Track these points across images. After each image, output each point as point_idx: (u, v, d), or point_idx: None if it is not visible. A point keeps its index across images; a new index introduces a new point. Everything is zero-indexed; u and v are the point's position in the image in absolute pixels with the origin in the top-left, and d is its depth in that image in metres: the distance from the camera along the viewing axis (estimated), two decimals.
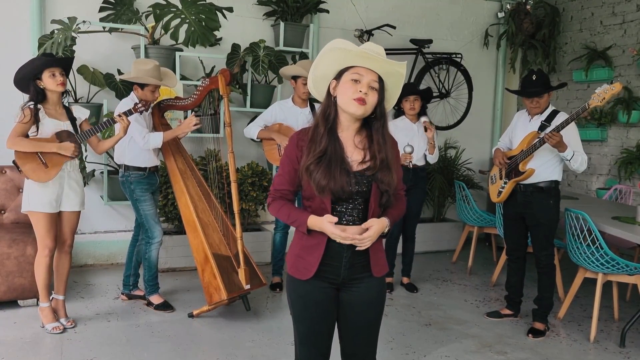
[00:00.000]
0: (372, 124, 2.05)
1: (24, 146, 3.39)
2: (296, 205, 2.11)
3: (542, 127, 3.78)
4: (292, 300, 2.13)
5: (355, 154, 2.03)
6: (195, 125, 3.90)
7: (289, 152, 2.08)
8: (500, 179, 4.03)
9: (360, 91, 1.96)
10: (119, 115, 3.55)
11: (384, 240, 2.16)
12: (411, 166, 4.43)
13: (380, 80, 2.01)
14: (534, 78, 3.79)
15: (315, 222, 1.99)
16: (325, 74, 2.05)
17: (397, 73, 2.02)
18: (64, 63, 3.54)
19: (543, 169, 3.79)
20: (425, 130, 4.44)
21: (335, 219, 1.97)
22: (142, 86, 3.88)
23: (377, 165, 2.00)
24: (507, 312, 4.17)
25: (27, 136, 3.42)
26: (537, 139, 3.73)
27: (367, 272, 2.08)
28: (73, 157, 3.50)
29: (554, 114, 3.81)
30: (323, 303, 2.08)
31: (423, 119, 4.48)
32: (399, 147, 2.18)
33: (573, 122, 3.69)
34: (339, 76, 2.02)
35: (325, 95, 2.06)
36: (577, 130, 3.80)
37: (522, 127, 3.95)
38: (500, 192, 4.00)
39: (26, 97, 3.49)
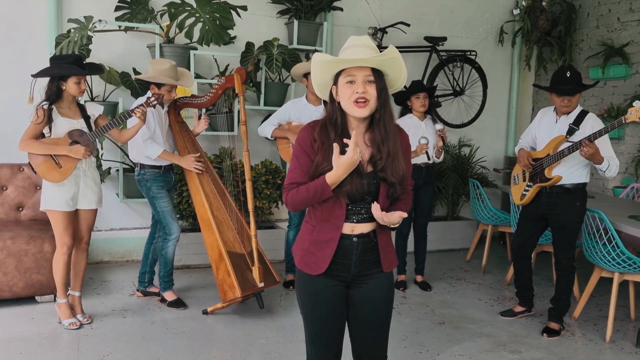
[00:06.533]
0: (374, 117, 2.00)
1: (35, 148, 3.44)
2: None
3: (570, 131, 3.60)
4: (303, 300, 2.12)
5: (366, 154, 2.02)
6: (195, 168, 3.97)
7: (303, 144, 2.02)
8: (524, 180, 3.90)
9: (357, 92, 1.93)
10: (138, 107, 3.58)
11: (393, 235, 2.16)
12: (430, 161, 4.45)
13: (376, 70, 1.96)
14: (567, 75, 3.52)
15: (332, 175, 1.91)
16: (324, 82, 2.04)
17: (390, 59, 1.94)
18: (94, 73, 3.69)
19: (570, 172, 3.66)
20: (443, 142, 4.44)
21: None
22: (159, 86, 3.91)
23: (383, 157, 1.97)
24: (520, 308, 4.15)
25: (42, 135, 3.47)
26: (566, 147, 3.54)
27: (377, 268, 2.08)
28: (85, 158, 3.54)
29: (582, 115, 3.62)
30: (333, 301, 2.08)
31: (438, 126, 4.46)
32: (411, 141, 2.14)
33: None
34: (336, 81, 2.00)
35: (329, 102, 2.05)
36: (607, 135, 3.52)
37: (548, 127, 3.76)
38: (524, 195, 3.89)
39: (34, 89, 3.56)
